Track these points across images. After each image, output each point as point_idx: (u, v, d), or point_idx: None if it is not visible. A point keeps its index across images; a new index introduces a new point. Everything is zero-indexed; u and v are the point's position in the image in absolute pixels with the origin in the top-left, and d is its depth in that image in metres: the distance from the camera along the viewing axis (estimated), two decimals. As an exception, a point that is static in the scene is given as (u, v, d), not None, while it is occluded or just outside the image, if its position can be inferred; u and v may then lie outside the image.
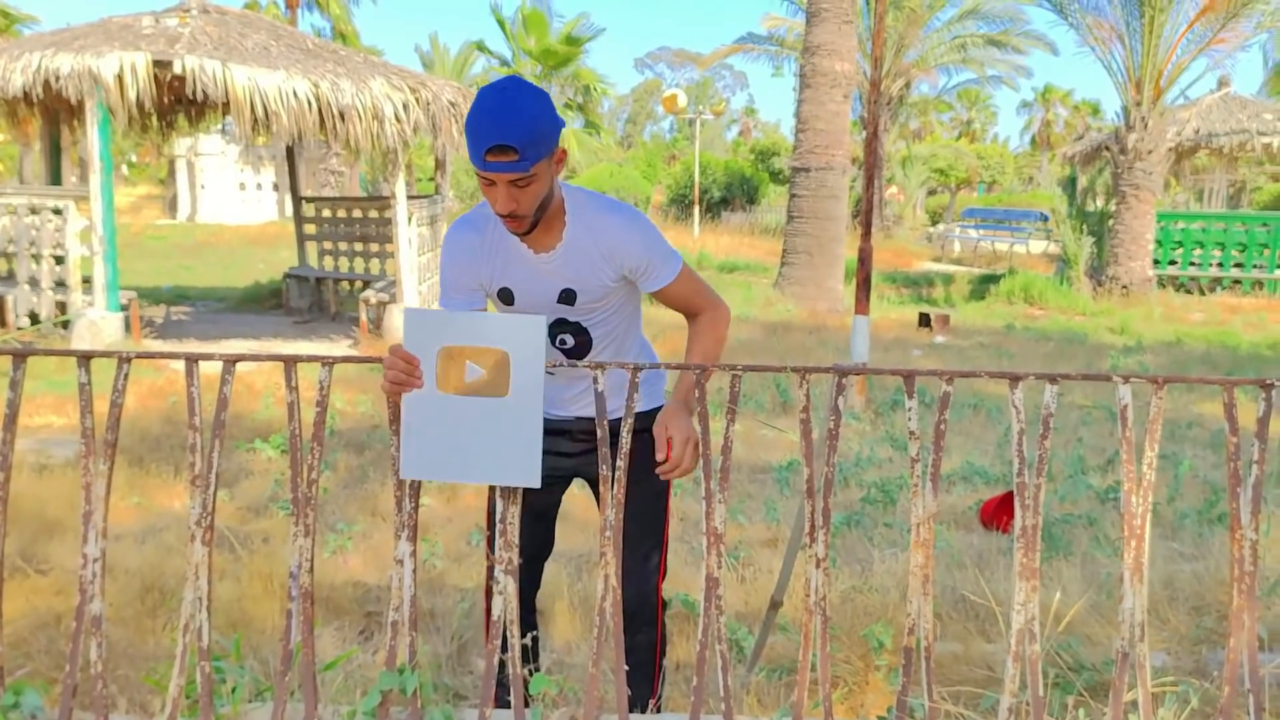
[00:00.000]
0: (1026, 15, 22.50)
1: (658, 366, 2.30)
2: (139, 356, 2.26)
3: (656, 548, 2.47)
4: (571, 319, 2.29)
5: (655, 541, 2.46)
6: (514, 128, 1.92)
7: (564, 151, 2.07)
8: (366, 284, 10.70)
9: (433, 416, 2.07)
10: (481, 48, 29.41)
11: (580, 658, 3.14)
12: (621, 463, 2.15)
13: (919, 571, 2.21)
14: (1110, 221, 14.56)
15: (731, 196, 30.60)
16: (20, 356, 2.24)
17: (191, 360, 2.25)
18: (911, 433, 2.23)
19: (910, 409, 2.24)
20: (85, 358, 2.24)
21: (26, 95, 8.11)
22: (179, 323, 10.55)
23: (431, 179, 27.02)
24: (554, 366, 2.23)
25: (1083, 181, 16.50)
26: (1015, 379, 2.21)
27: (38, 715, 2.16)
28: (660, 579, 2.49)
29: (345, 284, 11.39)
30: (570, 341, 2.33)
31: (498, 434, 2.07)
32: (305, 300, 11.66)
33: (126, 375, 2.25)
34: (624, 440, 2.16)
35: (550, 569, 3.66)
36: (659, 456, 2.19)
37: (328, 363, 2.22)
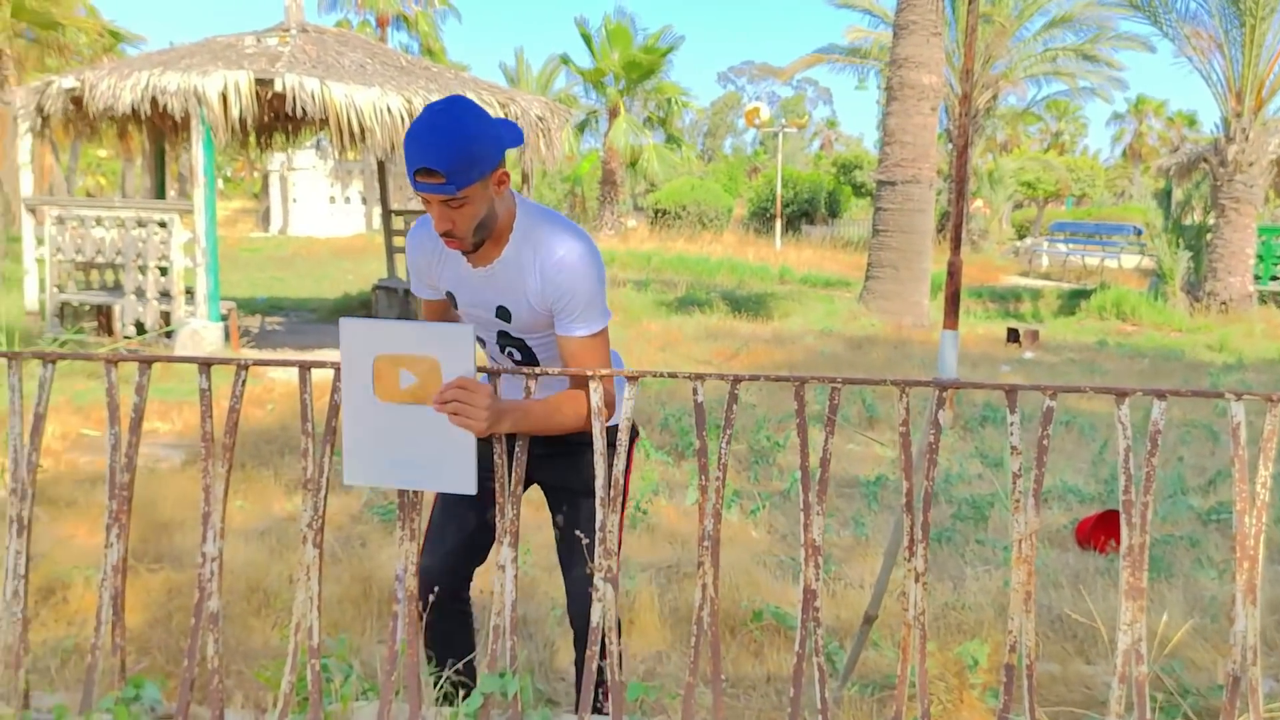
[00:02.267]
0: (1117, 25, 21.84)
1: (620, 373, 2.22)
2: (256, 364, 2.35)
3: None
4: (514, 334, 2.28)
5: None
6: (441, 151, 1.90)
7: (505, 174, 2.03)
8: (453, 296, 10.91)
9: (372, 424, 2.09)
10: (565, 61, 29.73)
11: (671, 667, 3.16)
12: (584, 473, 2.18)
13: (1020, 588, 2.19)
14: (1208, 236, 14.14)
15: (813, 210, 30.42)
16: (145, 363, 2.34)
17: (305, 368, 2.33)
18: (1013, 448, 2.21)
19: (1012, 424, 2.22)
20: (206, 364, 2.34)
21: (135, 112, 8.46)
22: (273, 332, 10.87)
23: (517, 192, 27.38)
24: (486, 370, 2.18)
25: (1178, 195, 16.06)
26: (1122, 394, 2.17)
27: (156, 708, 2.25)
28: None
29: (432, 296, 11.60)
30: (518, 356, 2.32)
31: (433, 441, 2.08)
32: (394, 311, 11.91)
33: (244, 382, 2.34)
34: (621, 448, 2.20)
35: (640, 579, 3.69)
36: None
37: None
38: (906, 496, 2.23)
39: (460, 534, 2.45)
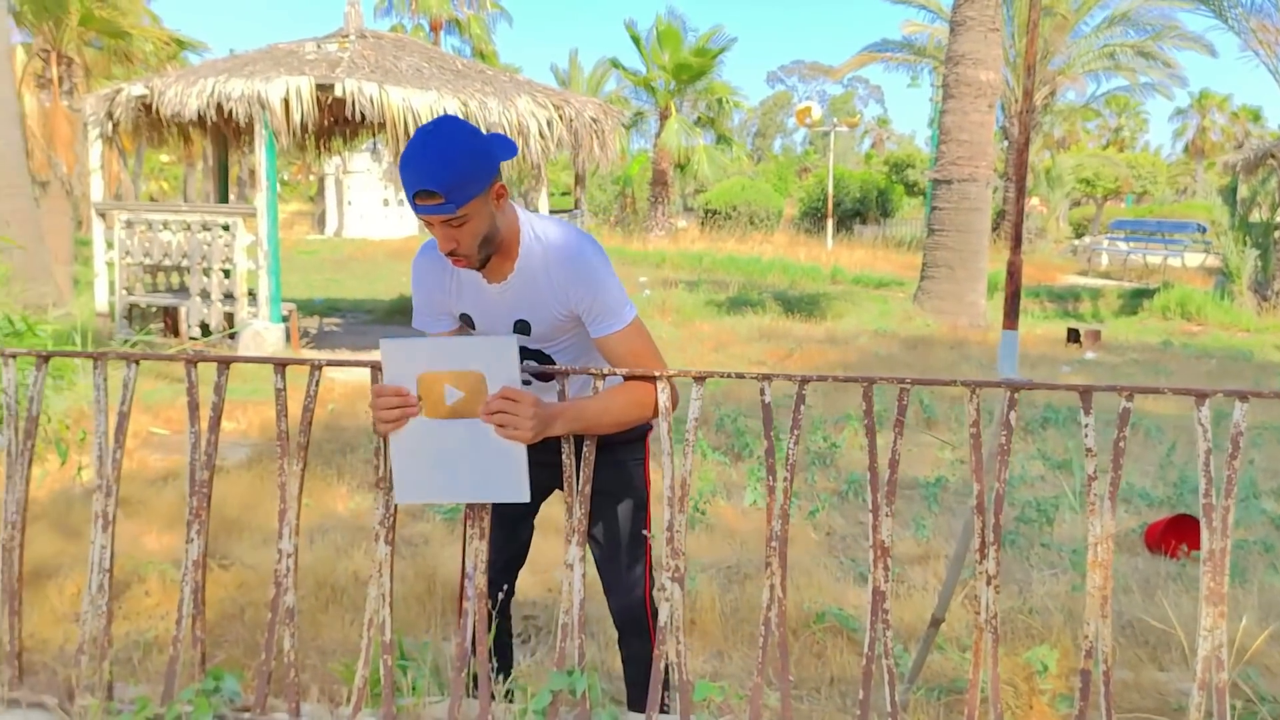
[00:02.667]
0: (1181, 21, 21.36)
1: (688, 374, 2.23)
2: (330, 364, 2.39)
3: (639, 560, 2.43)
4: (532, 347, 2.27)
5: (637, 554, 2.43)
6: (437, 172, 1.91)
7: (503, 187, 2.05)
8: (508, 297, 10.98)
9: (419, 441, 2.10)
10: (616, 64, 29.78)
11: (733, 667, 3.16)
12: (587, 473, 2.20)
13: (1097, 592, 2.15)
14: (1276, 233, 13.79)
15: (865, 209, 30.17)
16: (224, 363, 2.40)
17: (377, 369, 2.37)
18: (1089, 450, 2.18)
19: (1087, 425, 2.19)
20: (282, 365, 2.39)
21: (200, 118, 8.64)
22: (331, 333, 11.03)
23: (565, 194, 27.41)
24: (528, 374, 2.21)
25: (1244, 191, 15.67)
26: (1202, 396, 2.14)
27: (235, 700, 2.30)
28: (647, 591, 2.45)
29: (487, 296, 11.69)
30: (536, 368, 2.30)
31: (482, 454, 2.09)
32: (449, 312, 12.03)
33: (318, 382, 2.39)
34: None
35: (700, 579, 3.70)
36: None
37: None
38: (977, 499, 2.22)
39: (500, 552, 2.45)
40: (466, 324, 2.30)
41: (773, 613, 2.21)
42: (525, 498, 2.13)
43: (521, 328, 2.23)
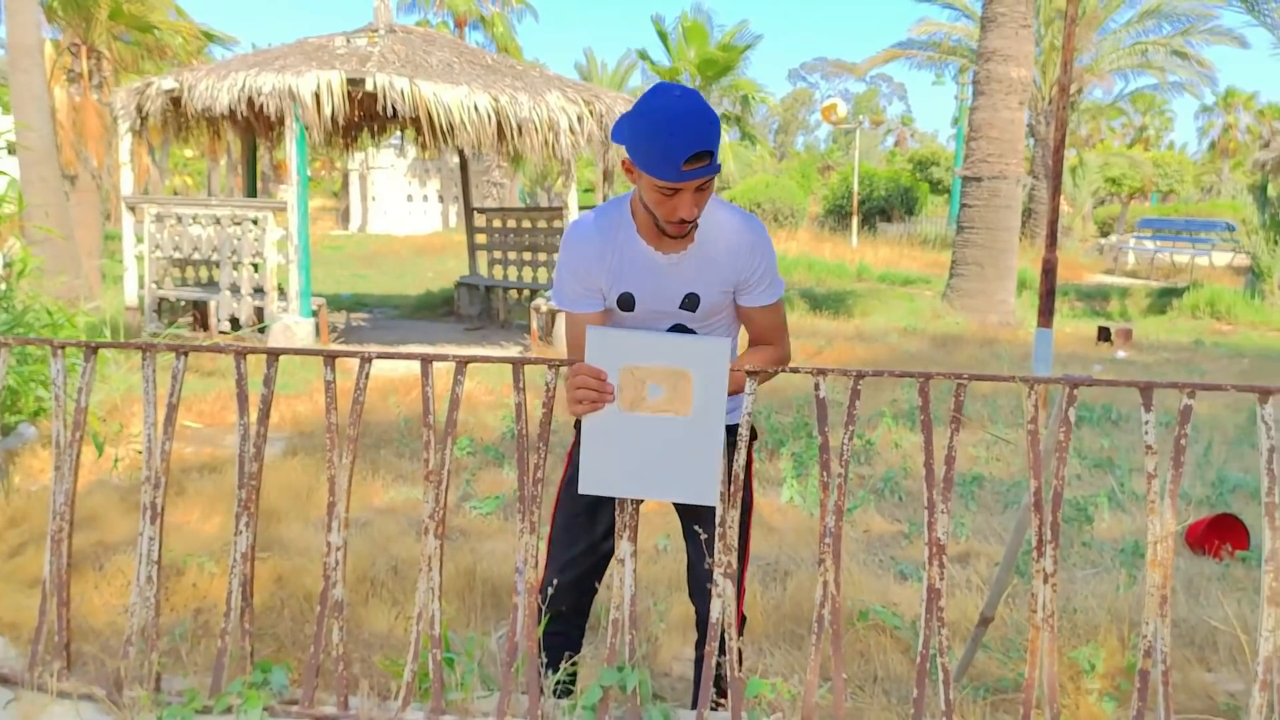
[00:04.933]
0: (1214, 14, 21.07)
1: (776, 371, 2.29)
2: (379, 357, 2.39)
3: (740, 563, 2.38)
4: (690, 325, 2.25)
5: (740, 557, 2.38)
6: (708, 132, 1.90)
7: None
8: (534, 292, 10.97)
9: (614, 434, 2.10)
10: (644, 57, 29.76)
11: (776, 664, 3.14)
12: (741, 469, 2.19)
13: (1156, 592, 2.12)
14: (1309, 232, 13.64)
15: (890, 207, 30.03)
16: (274, 355, 2.39)
17: (427, 361, 2.36)
18: (1149, 447, 2.15)
19: (1147, 422, 2.15)
20: (331, 357, 2.38)
21: (230, 112, 8.66)
22: (359, 328, 11.06)
23: (589, 190, 27.37)
24: None
25: (1274, 190, 15.50)
26: (1265, 393, 2.10)
27: (283, 693, 2.29)
28: (741, 596, 2.37)
29: (514, 292, 11.70)
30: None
31: (678, 453, 2.09)
32: (475, 308, 12.05)
33: (367, 374, 2.38)
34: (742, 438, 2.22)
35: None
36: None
37: (554, 365, 2.29)
38: (1035, 495, 2.19)
39: (590, 553, 2.41)
40: (624, 304, 2.21)
41: (826, 610, 2.18)
42: (713, 501, 2.14)
43: (690, 302, 2.21)
